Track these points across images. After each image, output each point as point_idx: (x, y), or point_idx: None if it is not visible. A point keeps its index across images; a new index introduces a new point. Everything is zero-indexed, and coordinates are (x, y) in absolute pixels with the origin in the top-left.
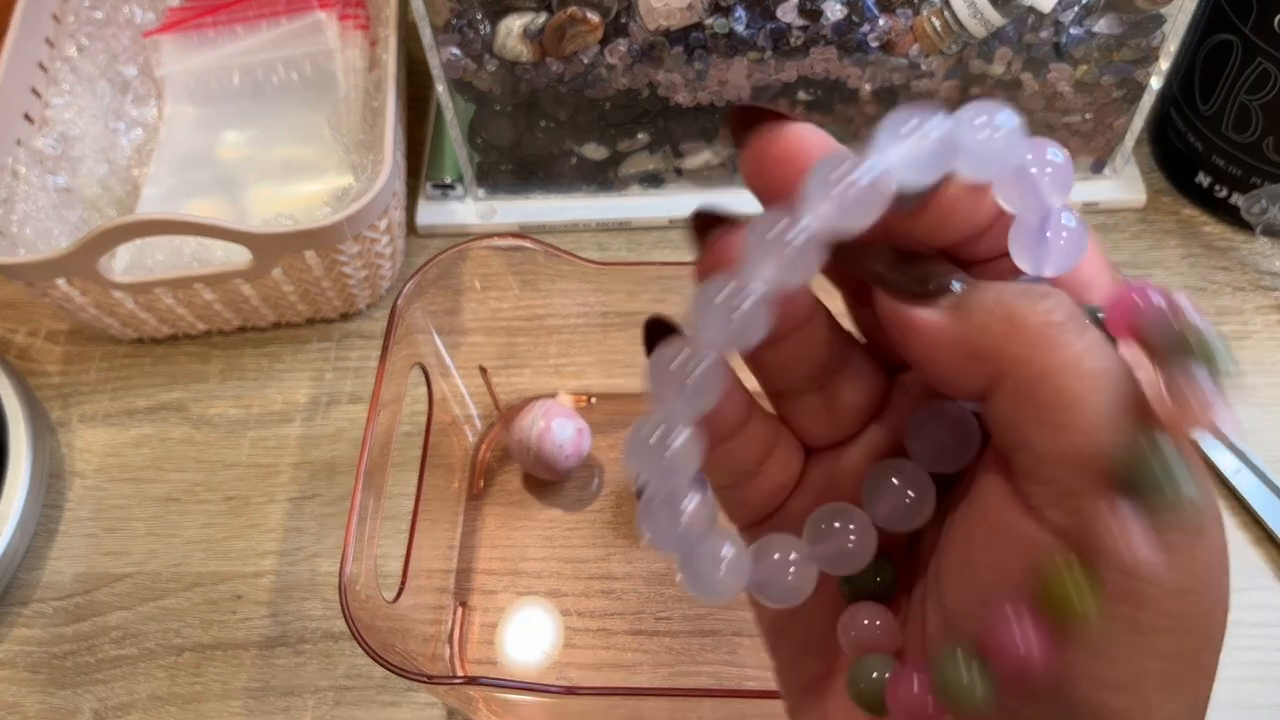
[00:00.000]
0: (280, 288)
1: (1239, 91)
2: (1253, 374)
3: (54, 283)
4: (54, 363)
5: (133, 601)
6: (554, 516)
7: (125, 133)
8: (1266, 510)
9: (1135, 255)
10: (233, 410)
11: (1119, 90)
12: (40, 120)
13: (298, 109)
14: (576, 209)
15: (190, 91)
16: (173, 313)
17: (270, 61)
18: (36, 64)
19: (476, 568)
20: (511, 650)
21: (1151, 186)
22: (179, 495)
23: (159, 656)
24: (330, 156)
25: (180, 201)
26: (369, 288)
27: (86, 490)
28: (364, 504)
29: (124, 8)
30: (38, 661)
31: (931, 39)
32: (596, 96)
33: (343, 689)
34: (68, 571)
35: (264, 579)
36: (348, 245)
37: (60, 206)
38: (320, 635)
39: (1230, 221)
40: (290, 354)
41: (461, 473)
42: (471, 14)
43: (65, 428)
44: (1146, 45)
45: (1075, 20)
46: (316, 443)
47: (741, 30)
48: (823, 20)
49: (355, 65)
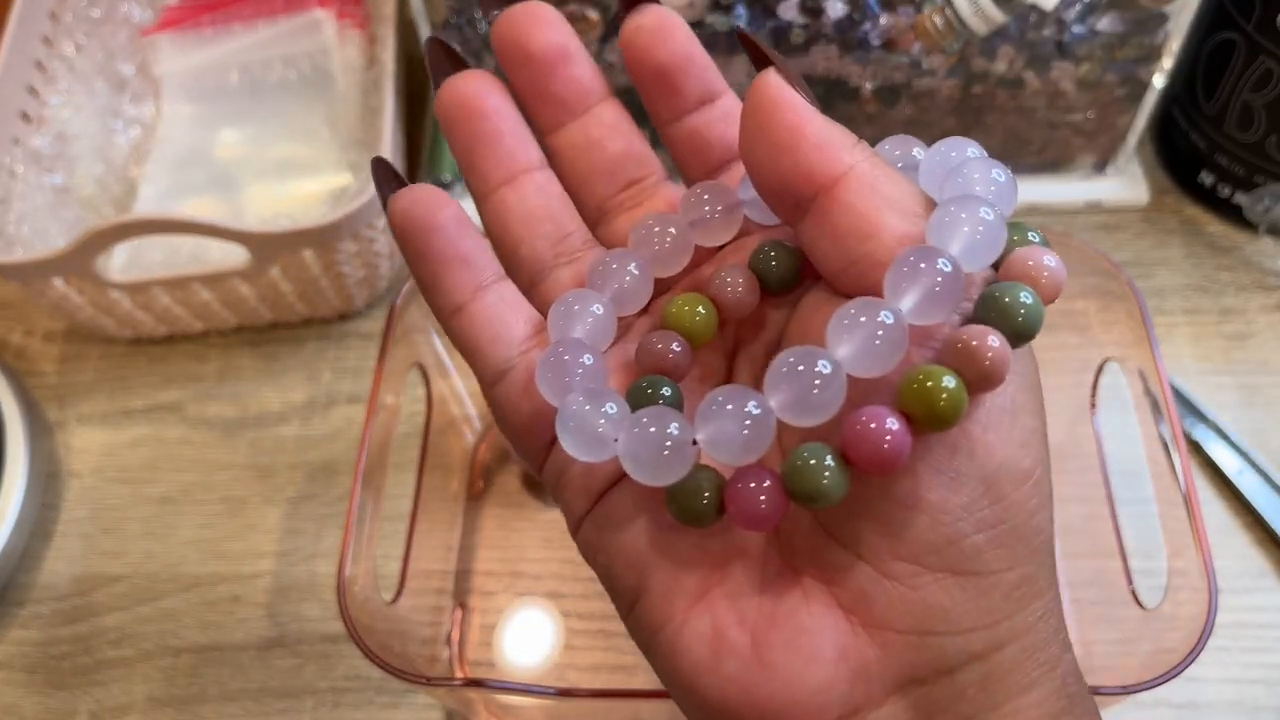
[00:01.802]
0: (278, 287)
1: (1242, 90)
2: (1256, 374)
3: (51, 282)
4: (50, 363)
5: (130, 603)
6: (554, 517)
7: (122, 131)
8: (1270, 512)
9: (1138, 255)
10: (230, 410)
11: (1122, 89)
12: (37, 119)
13: (295, 107)
14: None
15: (187, 90)
16: (170, 312)
17: (268, 60)
18: (33, 62)
19: (475, 569)
20: (511, 652)
21: (1154, 185)
22: (176, 496)
23: (156, 658)
24: (328, 155)
25: (177, 200)
26: (367, 287)
27: (83, 491)
28: (362, 505)
29: (121, 6)
30: (34, 663)
31: (933, 36)
32: None
33: (341, 691)
34: (64, 573)
35: (262, 580)
36: (346, 244)
37: (57, 205)
38: (318, 637)
39: (1234, 221)
40: (288, 354)
41: (460, 473)
42: (470, 11)
43: (62, 428)
44: (1149, 43)
45: (1078, 18)
46: (314, 443)
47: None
48: (824, 18)
49: (353, 63)
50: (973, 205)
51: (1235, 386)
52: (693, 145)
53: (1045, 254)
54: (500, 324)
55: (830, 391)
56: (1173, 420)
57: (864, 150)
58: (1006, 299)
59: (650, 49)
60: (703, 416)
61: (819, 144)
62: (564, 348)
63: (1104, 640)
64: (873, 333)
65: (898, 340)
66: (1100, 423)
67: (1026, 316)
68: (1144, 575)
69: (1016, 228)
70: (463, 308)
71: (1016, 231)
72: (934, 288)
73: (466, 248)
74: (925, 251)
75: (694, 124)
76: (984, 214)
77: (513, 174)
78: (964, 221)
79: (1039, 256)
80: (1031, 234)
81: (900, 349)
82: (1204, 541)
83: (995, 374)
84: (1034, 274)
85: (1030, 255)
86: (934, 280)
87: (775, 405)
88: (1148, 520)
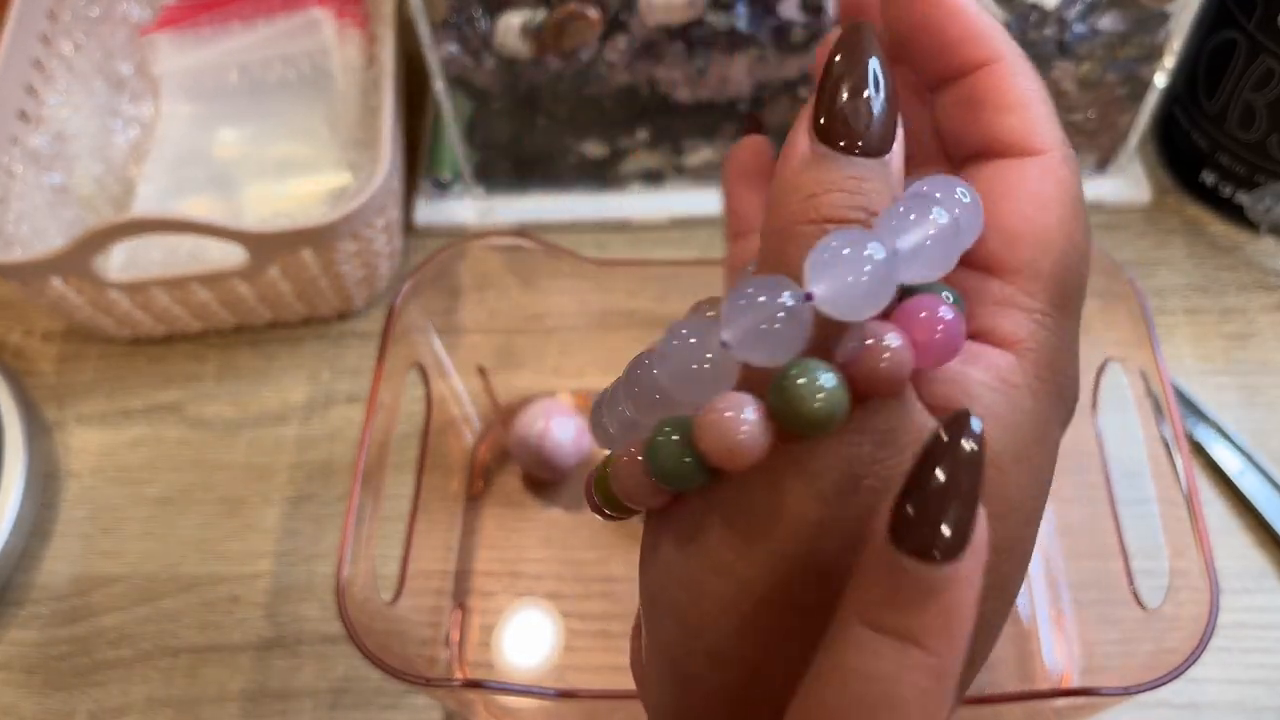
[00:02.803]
0: (277, 287)
1: (1243, 89)
2: (1258, 374)
3: (49, 282)
4: (49, 362)
5: (128, 603)
6: (553, 517)
7: (121, 131)
8: (1272, 512)
9: (1140, 254)
10: (229, 410)
11: (1123, 88)
12: (35, 118)
13: (294, 107)
14: (576, 207)
15: (186, 89)
16: (169, 312)
17: (267, 59)
18: (32, 61)
19: (475, 569)
20: (511, 653)
21: (1156, 185)
22: (175, 496)
23: (155, 659)
24: (327, 154)
25: (176, 200)
26: (366, 287)
27: (82, 491)
28: (361, 505)
29: (120, 5)
30: (33, 664)
31: None
32: (596, 93)
33: (340, 692)
34: (63, 573)
35: (260, 581)
36: (345, 244)
37: (55, 205)
38: (317, 638)
39: (1235, 220)
40: (287, 354)
41: (460, 473)
42: (470, 10)
43: (60, 428)
44: (1151, 42)
45: (1079, 17)
46: (313, 443)
47: (743, 26)
48: (825, 16)
49: (352, 62)
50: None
51: (1237, 386)
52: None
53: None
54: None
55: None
56: (1174, 420)
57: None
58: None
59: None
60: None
61: (979, 34)
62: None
63: (1105, 641)
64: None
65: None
66: (1101, 423)
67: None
68: (1145, 575)
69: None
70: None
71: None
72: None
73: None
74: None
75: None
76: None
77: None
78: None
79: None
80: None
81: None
82: (1205, 542)
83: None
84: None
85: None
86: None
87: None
88: (1149, 520)
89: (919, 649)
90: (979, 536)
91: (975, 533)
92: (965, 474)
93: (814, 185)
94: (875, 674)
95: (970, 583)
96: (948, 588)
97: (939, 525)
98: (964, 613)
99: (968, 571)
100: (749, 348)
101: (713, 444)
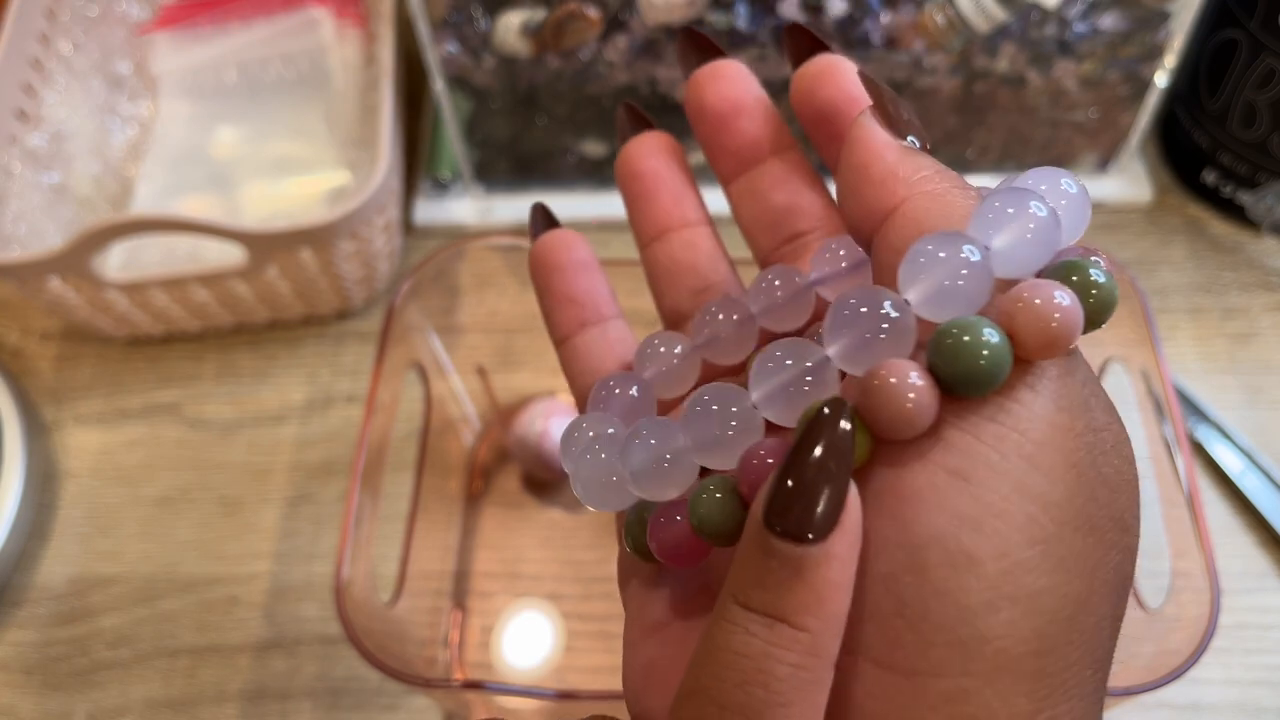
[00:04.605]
0: (275, 287)
1: (1245, 88)
2: (1259, 374)
3: (47, 281)
4: (47, 362)
5: (126, 604)
6: (553, 518)
7: (119, 130)
8: (1273, 512)
9: (1141, 253)
10: (227, 411)
11: (1125, 87)
12: (34, 117)
13: (293, 106)
14: (576, 207)
15: (184, 88)
16: (167, 312)
17: (265, 58)
18: (30, 61)
19: (474, 570)
20: (510, 654)
21: (1157, 184)
22: (173, 496)
23: (153, 659)
24: (326, 154)
25: (174, 199)
26: (365, 287)
27: (80, 491)
28: (360, 506)
29: (118, 4)
30: (31, 665)
31: (935, 35)
32: (596, 93)
33: (339, 693)
34: (61, 574)
35: (259, 581)
36: (344, 244)
37: (53, 204)
38: (316, 638)
39: (1237, 219)
40: (286, 354)
41: (459, 474)
42: (469, 9)
43: (58, 428)
44: (1152, 42)
45: (1080, 16)
46: (312, 443)
47: (743, 26)
48: (825, 16)
49: (351, 61)
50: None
51: (1238, 386)
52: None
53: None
54: (593, 359)
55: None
56: (1175, 420)
57: (927, 182)
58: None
59: (813, 91)
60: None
61: (880, 179)
62: (587, 421)
63: None
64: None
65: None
66: None
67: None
68: (1147, 576)
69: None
70: (565, 340)
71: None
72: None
73: (579, 288)
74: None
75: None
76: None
77: (662, 230)
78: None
79: (1049, 293)
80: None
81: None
82: (1207, 542)
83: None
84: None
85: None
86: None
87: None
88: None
89: (789, 626)
90: (851, 516)
91: (847, 513)
92: (837, 454)
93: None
94: (747, 651)
95: (842, 561)
96: (817, 566)
97: (812, 506)
98: (834, 591)
99: (839, 550)
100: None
101: (881, 410)
